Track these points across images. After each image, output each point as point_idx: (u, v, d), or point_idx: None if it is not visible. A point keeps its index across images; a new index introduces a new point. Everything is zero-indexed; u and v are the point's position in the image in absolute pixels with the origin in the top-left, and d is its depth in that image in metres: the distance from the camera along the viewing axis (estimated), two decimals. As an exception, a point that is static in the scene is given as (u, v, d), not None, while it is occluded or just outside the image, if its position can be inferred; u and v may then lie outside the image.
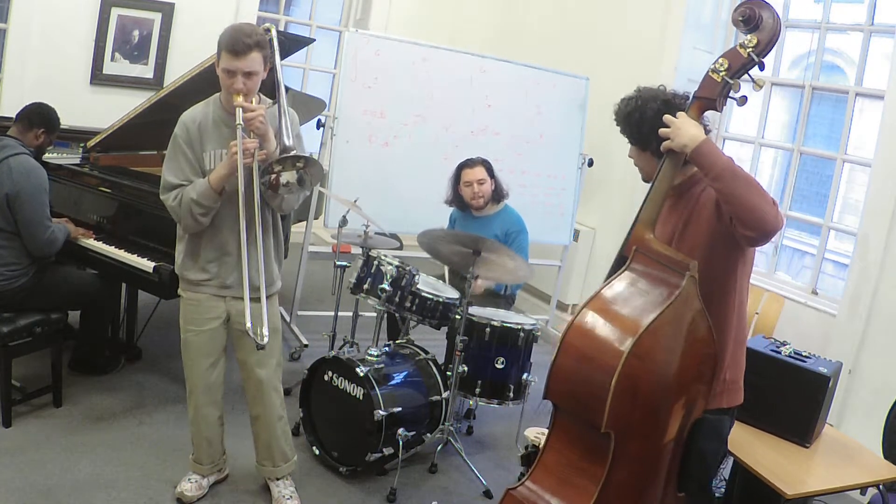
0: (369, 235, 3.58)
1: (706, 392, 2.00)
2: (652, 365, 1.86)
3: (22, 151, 3.06)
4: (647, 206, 2.02)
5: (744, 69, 1.94)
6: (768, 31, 1.90)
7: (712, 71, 1.96)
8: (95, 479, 2.75)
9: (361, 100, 4.35)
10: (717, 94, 1.94)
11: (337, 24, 6.64)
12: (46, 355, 3.16)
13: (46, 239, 3.07)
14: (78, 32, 5.06)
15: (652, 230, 2.01)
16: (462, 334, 3.16)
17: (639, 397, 1.86)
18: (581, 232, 5.29)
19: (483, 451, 3.49)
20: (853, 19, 4.20)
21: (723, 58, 1.95)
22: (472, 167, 3.85)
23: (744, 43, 1.92)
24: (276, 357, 2.67)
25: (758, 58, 1.91)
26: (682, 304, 1.88)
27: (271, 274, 2.59)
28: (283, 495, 2.75)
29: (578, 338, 1.96)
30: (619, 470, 1.89)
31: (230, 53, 2.31)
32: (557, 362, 1.98)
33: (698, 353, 1.95)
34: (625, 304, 1.96)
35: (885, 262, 3.57)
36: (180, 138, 2.47)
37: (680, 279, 1.90)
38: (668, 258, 1.94)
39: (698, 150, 1.88)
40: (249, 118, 2.33)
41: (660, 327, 1.85)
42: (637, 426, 1.89)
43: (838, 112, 4.25)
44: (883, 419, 2.80)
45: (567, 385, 1.98)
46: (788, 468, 2.35)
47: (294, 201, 2.49)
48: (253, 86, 2.37)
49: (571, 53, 5.47)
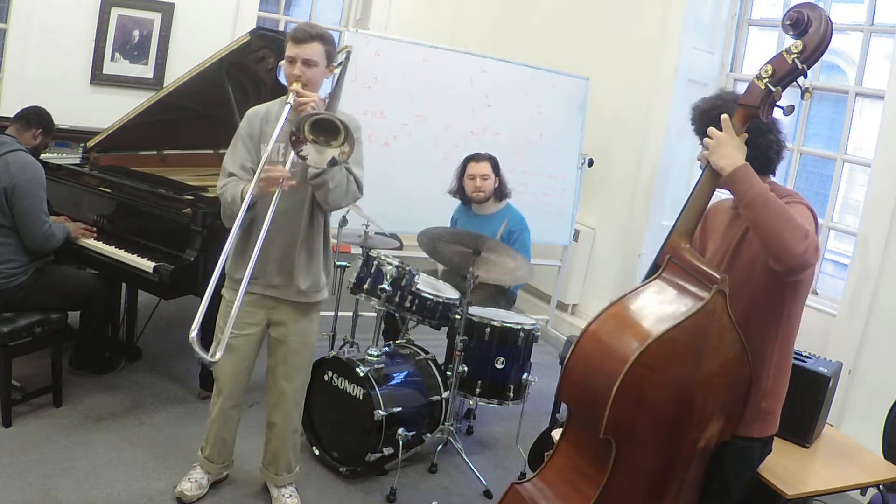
0: (369, 235, 3.59)
1: (737, 414, 1.94)
2: (663, 376, 1.82)
3: (19, 148, 3.07)
4: (684, 215, 1.98)
5: (789, 76, 1.85)
6: (817, 37, 1.81)
7: (757, 78, 1.87)
8: (95, 479, 2.75)
9: (361, 100, 4.34)
10: (761, 101, 1.86)
11: (337, 24, 6.64)
12: (46, 355, 3.16)
13: (44, 234, 3.07)
14: (78, 32, 5.06)
15: (688, 240, 1.97)
16: (462, 334, 3.16)
17: (645, 406, 1.83)
18: (581, 232, 5.29)
19: (483, 451, 3.49)
20: (853, 19, 4.20)
21: (768, 64, 1.87)
22: (478, 161, 3.86)
23: (790, 49, 1.84)
24: (304, 373, 2.71)
25: (802, 65, 1.83)
26: (706, 317, 1.83)
27: (317, 280, 2.57)
28: (283, 495, 2.75)
29: (592, 341, 1.94)
30: (622, 478, 1.87)
31: (292, 41, 2.39)
32: (570, 364, 1.97)
33: (728, 371, 1.89)
34: (646, 311, 1.92)
35: (885, 262, 3.57)
36: (242, 130, 2.52)
37: (706, 292, 1.85)
38: (698, 270, 1.90)
39: (733, 176, 1.83)
40: (301, 102, 2.34)
41: (676, 338, 1.80)
42: (643, 436, 1.86)
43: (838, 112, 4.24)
44: (883, 419, 2.80)
45: (576, 388, 1.97)
46: (788, 468, 2.34)
47: (341, 196, 2.42)
48: (312, 76, 2.40)
49: (571, 53, 5.47)
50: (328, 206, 2.47)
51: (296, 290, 2.54)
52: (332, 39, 2.47)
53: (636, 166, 4.95)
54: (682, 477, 1.96)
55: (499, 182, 3.88)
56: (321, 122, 2.20)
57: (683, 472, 1.95)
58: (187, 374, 3.68)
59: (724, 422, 1.94)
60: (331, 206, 2.47)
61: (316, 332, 2.72)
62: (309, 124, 2.19)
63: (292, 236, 2.50)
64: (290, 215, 2.47)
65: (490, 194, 3.87)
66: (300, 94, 2.35)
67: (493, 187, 3.86)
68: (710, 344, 1.85)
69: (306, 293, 2.56)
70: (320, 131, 2.21)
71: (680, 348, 1.82)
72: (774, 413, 2.02)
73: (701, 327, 1.83)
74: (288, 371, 2.65)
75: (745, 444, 2.00)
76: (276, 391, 2.68)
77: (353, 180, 2.44)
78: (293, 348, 2.63)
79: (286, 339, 2.62)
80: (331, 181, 2.34)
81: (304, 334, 2.64)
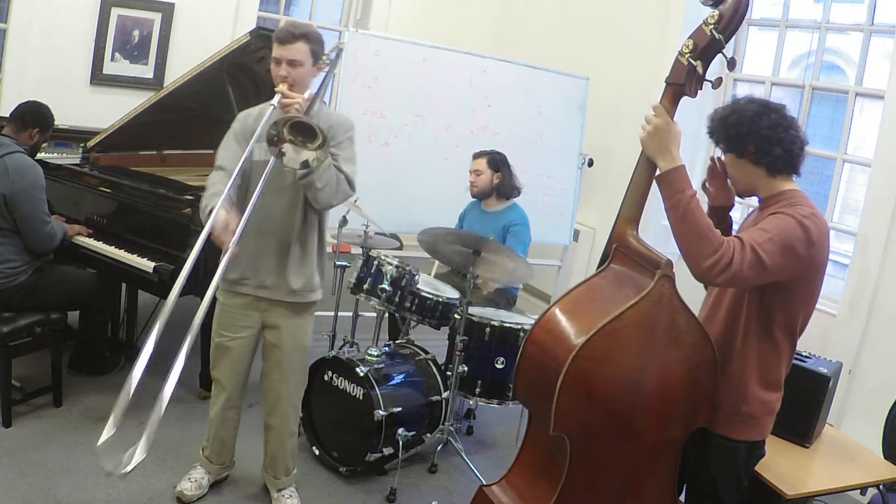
0: (369, 235, 3.58)
1: (706, 401, 1.91)
2: (611, 368, 1.79)
3: (17, 150, 3.06)
4: (626, 201, 1.97)
5: (710, 49, 1.84)
6: (731, 4, 1.80)
7: (679, 54, 1.87)
8: (95, 479, 2.75)
9: (361, 100, 4.35)
10: (685, 77, 1.86)
11: (337, 24, 6.64)
12: (46, 355, 3.16)
13: (46, 234, 3.08)
14: (78, 32, 5.05)
15: (633, 226, 1.95)
16: (462, 334, 3.16)
17: (595, 400, 1.79)
18: (581, 232, 5.29)
19: (483, 451, 3.49)
20: (853, 19, 4.20)
21: (689, 39, 1.86)
22: (476, 158, 3.97)
23: (707, 20, 1.83)
24: (299, 374, 2.70)
25: (720, 35, 1.80)
26: (653, 305, 1.80)
27: (310, 280, 2.56)
28: (283, 495, 2.75)
29: (541, 337, 1.92)
30: (581, 474, 1.84)
31: (277, 42, 2.39)
32: (521, 362, 1.96)
33: (687, 357, 1.85)
34: (591, 303, 1.90)
35: (885, 262, 3.57)
36: (236, 129, 2.53)
37: (650, 278, 1.82)
38: (642, 256, 1.88)
39: (668, 177, 1.83)
40: (286, 103, 2.34)
41: (621, 329, 1.78)
42: (598, 430, 1.83)
43: (838, 112, 4.24)
44: (883, 419, 2.80)
45: (527, 385, 1.96)
46: (788, 468, 2.34)
47: (331, 196, 2.40)
48: (298, 76, 2.40)
49: (571, 53, 5.47)
50: (319, 206, 2.45)
51: (287, 289, 2.53)
52: (319, 37, 2.46)
53: (636, 166, 4.95)
54: (650, 468, 1.92)
55: (500, 180, 3.90)
56: (299, 124, 2.21)
57: (650, 463, 1.91)
58: (187, 374, 3.63)
59: (690, 409, 1.90)
60: (321, 206, 2.45)
61: (310, 333, 2.70)
62: (288, 126, 2.20)
63: (285, 236, 2.49)
64: (283, 215, 2.46)
65: (483, 189, 3.91)
66: (286, 96, 2.35)
67: (490, 183, 3.89)
68: (660, 332, 1.82)
69: (298, 293, 2.55)
70: (299, 132, 2.22)
71: (626, 339, 1.79)
72: (760, 420, 1.97)
73: (648, 315, 1.80)
74: (283, 374, 2.64)
75: (727, 443, 1.97)
76: (272, 394, 2.68)
77: (343, 179, 2.42)
78: (287, 351, 2.62)
79: (280, 342, 2.61)
80: (318, 181, 2.32)
81: (297, 337, 2.64)
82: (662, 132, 1.86)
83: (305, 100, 2.40)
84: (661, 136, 1.86)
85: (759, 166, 1.94)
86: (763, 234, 1.79)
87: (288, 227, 2.49)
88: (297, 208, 2.48)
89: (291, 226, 2.49)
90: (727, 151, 2.00)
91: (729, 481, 2.01)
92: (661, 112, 1.87)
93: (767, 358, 1.95)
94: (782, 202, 1.91)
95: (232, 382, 2.66)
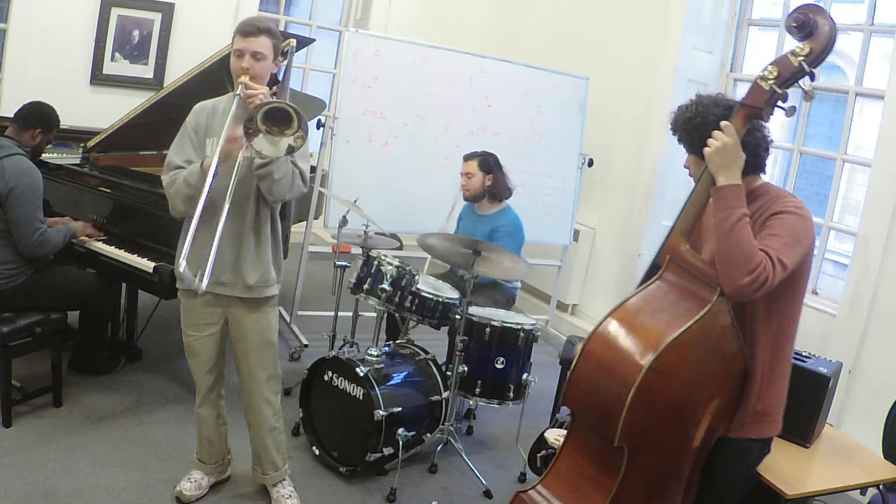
0: (369, 235, 3.58)
1: (731, 408, 1.94)
2: (673, 381, 1.82)
3: (17, 152, 3.05)
4: (684, 215, 1.97)
5: (794, 78, 1.85)
6: (823, 39, 1.80)
7: (761, 79, 1.87)
8: (95, 478, 2.75)
9: (361, 100, 4.35)
10: (764, 103, 1.87)
11: (337, 24, 6.64)
12: (46, 355, 3.16)
13: (35, 241, 3.03)
14: (78, 32, 5.06)
15: (688, 240, 1.96)
16: (462, 334, 3.16)
17: (654, 412, 1.82)
18: (581, 232, 5.29)
19: (483, 451, 3.49)
20: (853, 19, 4.20)
21: (772, 65, 1.87)
22: (466, 160, 3.93)
23: (795, 51, 1.83)
24: (268, 369, 2.64)
25: (809, 67, 1.82)
26: (712, 319, 1.83)
27: (266, 274, 2.54)
28: (283, 495, 2.75)
29: (599, 347, 1.92)
30: (631, 483, 1.86)
31: (240, 34, 2.40)
32: (577, 370, 1.95)
33: (727, 369, 1.89)
34: (651, 315, 1.91)
35: (885, 262, 3.57)
36: (189, 125, 2.51)
37: (711, 294, 1.85)
38: (701, 271, 1.90)
39: (723, 192, 1.85)
40: (250, 94, 2.33)
41: (685, 342, 1.81)
42: (652, 440, 1.85)
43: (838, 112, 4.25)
44: (883, 419, 2.80)
45: (584, 394, 1.95)
46: (788, 468, 2.34)
47: (286, 189, 2.39)
48: (259, 69, 2.40)
49: (571, 53, 5.47)
50: (272, 198, 2.44)
51: (243, 285, 2.50)
52: (279, 34, 2.48)
53: (636, 166, 4.95)
54: (684, 476, 1.95)
55: (492, 181, 3.87)
56: (274, 111, 2.19)
57: (686, 470, 1.95)
58: (187, 374, 3.64)
59: (721, 416, 1.93)
60: (275, 198, 2.44)
61: (275, 327, 2.65)
62: (262, 114, 2.17)
63: (239, 231, 2.46)
64: (236, 210, 2.41)
65: (476, 192, 3.89)
66: (248, 87, 2.35)
67: (482, 186, 3.87)
68: (713, 344, 1.86)
69: (254, 288, 2.52)
70: (273, 121, 2.20)
71: (688, 352, 1.82)
72: (773, 415, 2.01)
73: (707, 330, 1.83)
74: (251, 370, 2.61)
75: (743, 444, 1.99)
76: (245, 390, 2.67)
77: (297, 174, 2.41)
78: (252, 346, 2.58)
79: (243, 337, 2.58)
80: (276, 172, 2.32)
81: (260, 332, 2.59)
82: (730, 150, 1.87)
83: (269, 92, 2.40)
84: (728, 154, 1.87)
85: None
86: (779, 240, 1.83)
87: (241, 222, 2.46)
88: (250, 202, 2.45)
89: (244, 221, 2.46)
90: (690, 153, 2.03)
91: (742, 479, 2.04)
92: (732, 132, 1.87)
93: (776, 352, 1.98)
94: (764, 199, 1.94)
95: (205, 381, 2.65)
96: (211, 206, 2.28)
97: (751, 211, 1.92)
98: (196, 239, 2.24)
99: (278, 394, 2.72)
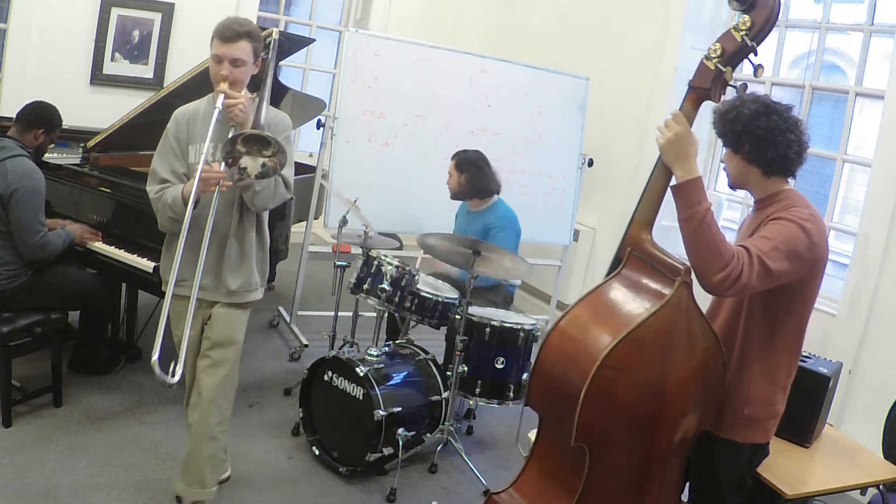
0: (369, 235, 3.58)
1: (711, 405, 1.91)
2: (633, 376, 1.78)
3: (20, 153, 3.04)
4: (642, 205, 1.95)
5: (739, 55, 1.82)
6: (765, 12, 1.78)
7: (706, 58, 1.85)
8: (95, 478, 2.75)
9: (361, 100, 4.35)
10: (712, 82, 1.84)
11: (337, 24, 6.64)
12: (46, 355, 3.16)
13: (36, 243, 3.03)
14: (78, 32, 5.06)
15: (648, 230, 1.93)
16: (462, 334, 3.16)
17: (616, 409, 1.79)
18: (581, 232, 5.29)
19: (483, 451, 3.49)
20: (853, 19, 4.20)
21: (716, 43, 1.84)
22: (451, 159, 3.91)
23: (738, 25, 1.81)
24: (226, 370, 2.50)
25: (752, 42, 1.80)
26: (672, 311, 1.79)
27: (248, 280, 2.50)
28: None
29: (555, 346, 1.90)
30: (599, 482, 1.83)
31: (219, 39, 2.33)
32: (535, 370, 1.93)
33: (702, 363, 1.85)
34: (609, 311, 1.88)
35: (885, 262, 3.57)
36: (170, 132, 2.47)
37: (670, 286, 1.81)
38: (661, 262, 1.87)
39: (681, 189, 1.82)
40: (230, 104, 2.30)
41: (642, 337, 1.77)
42: (617, 438, 1.82)
43: (838, 112, 4.25)
44: (883, 419, 2.80)
45: (542, 393, 1.93)
46: (788, 468, 2.34)
47: (267, 198, 2.38)
48: (239, 75, 2.35)
49: (571, 53, 5.47)
50: (254, 208, 2.42)
51: (225, 290, 2.46)
52: (260, 35, 2.41)
53: (636, 166, 4.95)
54: (663, 472, 1.92)
55: (466, 181, 3.83)
56: (251, 136, 2.23)
57: (663, 467, 1.92)
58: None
59: (700, 413, 1.90)
60: (257, 208, 2.43)
61: (243, 329, 2.57)
62: (241, 141, 2.21)
63: (222, 237, 2.43)
64: (219, 216, 2.39)
65: (456, 191, 3.88)
66: (228, 96, 2.30)
67: (458, 185, 3.85)
68: (679, 338, 1.81)
69: (236, 293, 2.48)
70: (252, 143, 2.23)
71: (647, 347, 1.78)
72: (763, 423, 1.98)
73: (668, 322, 1.79)
74: (209, 364, 2.48)
75: (731, 445, 1.98)
76: (196, 388, 2.50)
77: (280, 182, 2.38)
78: (217, 340, 2.48)
79: (211, 330, 2.49)
80: (257, 184, 2.31)
81: (230, 329, 2.51)
82: (682, 140, 1.83)
83: (249, 99, 2.38)
84: (681, 144, 1.83)
85: (754, 166, 1.94)
86: (767, 243, 1.79)
87: (224, 229, 2.43)
88: (233, 207, 2.43)
89: (228, 227, 2.44)
90: (725, 146, 2.01)
91: (733, 481, 2.01)
92: (682, 120, 1.85)
93: (770, 360, 1.95)
94: (779, 204, 1.91)
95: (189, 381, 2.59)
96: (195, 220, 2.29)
97: (762, 217, 1.90)
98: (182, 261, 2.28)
99: (231, 403, 2.56)
